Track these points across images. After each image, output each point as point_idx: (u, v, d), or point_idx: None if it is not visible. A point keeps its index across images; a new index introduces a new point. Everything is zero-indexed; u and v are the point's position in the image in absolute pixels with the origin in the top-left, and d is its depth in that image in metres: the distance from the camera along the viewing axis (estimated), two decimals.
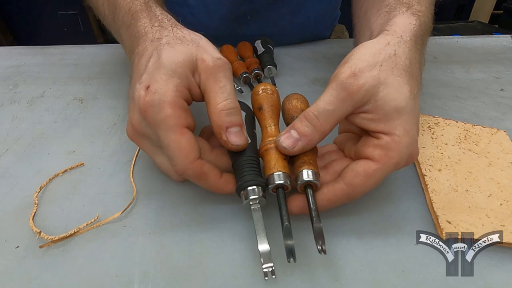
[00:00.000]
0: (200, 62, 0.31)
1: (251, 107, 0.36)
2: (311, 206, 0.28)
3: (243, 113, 0.33)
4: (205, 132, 0.36)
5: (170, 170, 0.32)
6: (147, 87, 0.29)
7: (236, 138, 0.30)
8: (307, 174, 0.28)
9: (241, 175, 0.29)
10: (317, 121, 0.29)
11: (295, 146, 0.29)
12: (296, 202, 0.30)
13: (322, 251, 0.26)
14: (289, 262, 0.26)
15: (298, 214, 0.29)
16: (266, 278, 0.26)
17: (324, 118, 0.29)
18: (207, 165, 0.29)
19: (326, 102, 0.29)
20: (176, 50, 0.30)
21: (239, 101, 0.32)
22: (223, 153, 0.32)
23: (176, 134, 0.28)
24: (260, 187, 0.29)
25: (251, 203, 0.29)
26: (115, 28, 0.40)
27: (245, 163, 0.30)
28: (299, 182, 0.29)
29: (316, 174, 0.29)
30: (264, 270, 0.26)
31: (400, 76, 0.29)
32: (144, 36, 0.33)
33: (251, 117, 0.35)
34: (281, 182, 0.28)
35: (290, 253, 0.26)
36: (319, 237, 0.26)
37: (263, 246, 0.27)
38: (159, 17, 0.34)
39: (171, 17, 0.36)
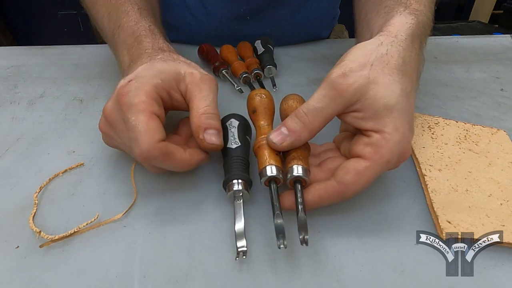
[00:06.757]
0: (188, 75, 0.33)
1: (247, 113, 0.37)
2: (298, 199, 0.28)
3: (237, 122, 0.35)
4: (183, 127, 0.36)
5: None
6: (130, 80, 0.31)
7: (212, 138, 0.31)
8: (296, 170, 0.29)
9: (228, 171, 0.32)
10: (306, 118, 0.30)
11: (283, 142, 0.30)
12: (288, 198, 0.30)
13: (304, 242, 0.27)
14: (279, 247, 0.26)
15: (289, 209, 0.30)
16: (237, 258, 0.28)
17: (313, 115, 0.29)
18: (171, 145, 0.30)
19: (316, 100, 0.29)
20: (168, 63, 0.33)
21: (235, 114, 0.36)
22: (196, 152, 0.33)
23: (145, 117, 0.29)
24: (243, 181, 0.31)
25: (235, 195, 0.31)
26: (113, 44, 0.41)
27: (234, 162, 0.32)
28: (288, 177, 0.29)
29: (305, 170, 0.29)
30: (239, 249, 0.28)
31: (391, 74, 0.29)
32: (143, 54, 0.35)
33: (245, 125, 0.36)
34: (273, 174, 0.29)
35: (280, 233, 0.27)
36: (302, 228, 0.27)
37: (239, 225, 0.29)
38: (160, 44, 0.37)
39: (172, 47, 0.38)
